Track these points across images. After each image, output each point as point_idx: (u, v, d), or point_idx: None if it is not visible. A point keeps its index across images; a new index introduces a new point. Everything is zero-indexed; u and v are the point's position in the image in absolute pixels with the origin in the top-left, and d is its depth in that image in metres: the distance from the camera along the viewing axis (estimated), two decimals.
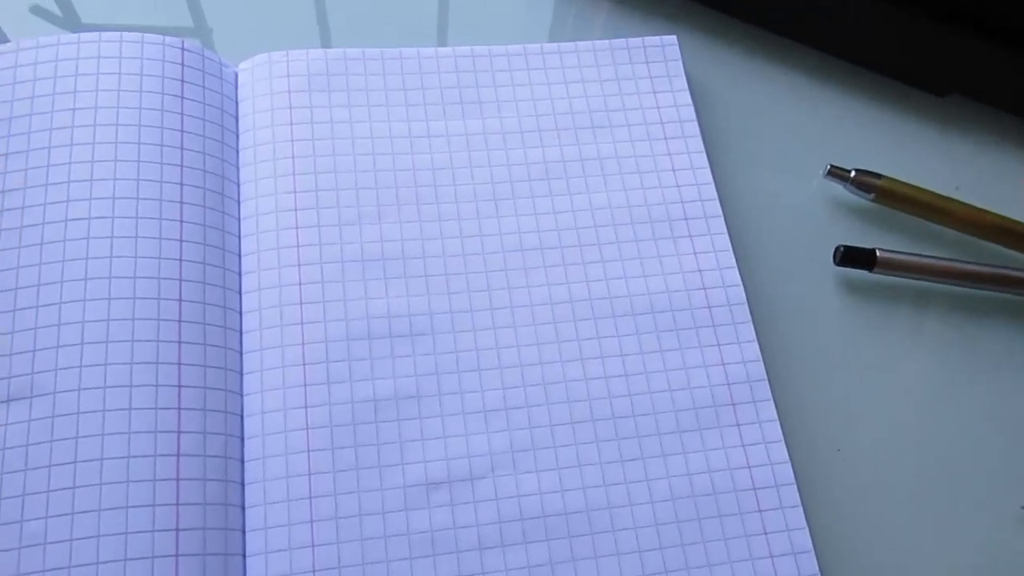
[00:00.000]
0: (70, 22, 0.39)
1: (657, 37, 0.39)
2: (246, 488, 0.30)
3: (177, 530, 0.28)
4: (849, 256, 0.36)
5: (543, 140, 0.37)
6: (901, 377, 0.35)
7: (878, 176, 0.37)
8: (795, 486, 0.32)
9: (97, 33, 0.35)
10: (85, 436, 0.29)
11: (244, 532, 0.29)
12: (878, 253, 0.36)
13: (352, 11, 0.41)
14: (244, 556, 0.29)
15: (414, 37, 0.40)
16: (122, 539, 0.28)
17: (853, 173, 0.37)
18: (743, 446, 0.32)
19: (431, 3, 0.41)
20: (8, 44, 0.35)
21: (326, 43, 0.40)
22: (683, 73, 0.39)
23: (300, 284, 0.33)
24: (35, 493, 0.28)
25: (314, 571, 0.29)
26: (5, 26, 0.38)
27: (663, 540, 0.30)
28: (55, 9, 0.39)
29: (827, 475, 0.33)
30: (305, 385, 0.31)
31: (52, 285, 0.31)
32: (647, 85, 0.38)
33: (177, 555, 0.28)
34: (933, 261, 0.36)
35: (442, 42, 0.40)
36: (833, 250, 0.36)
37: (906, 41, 0.40)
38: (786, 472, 0.32)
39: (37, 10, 0.39)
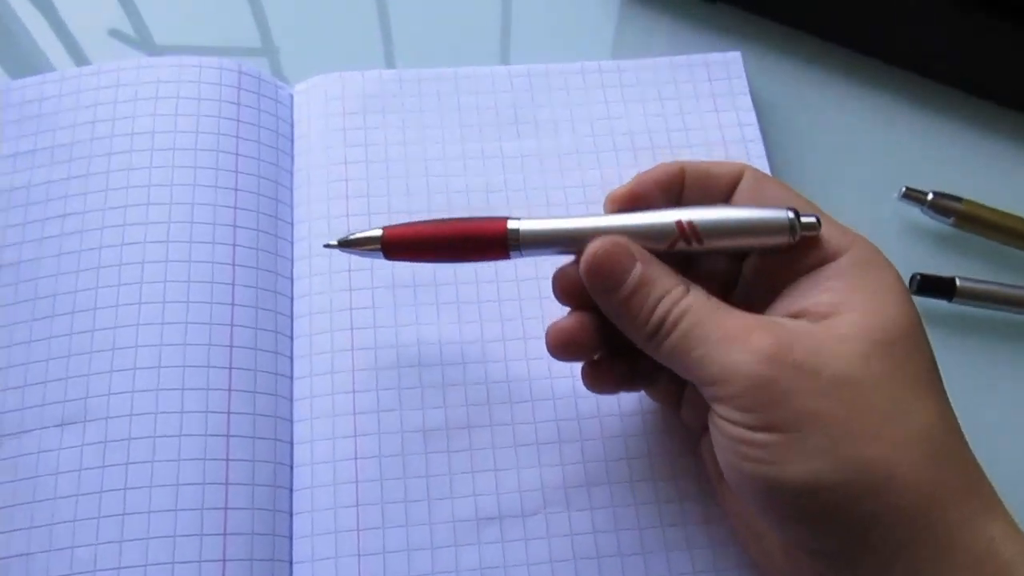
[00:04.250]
0: (145, 44, 0.39)
1: (720, 53, 0.38)
2: (294, 518, 0.30)
3: (224, 561, 0.28)
4: (927, 284, 0.34)
5: (601, 161, 0.36)
6: (981, 412, 0.33)
7: (958, 199, 0.35)
8: None
9: (156, 59, 0.35)
10: (135, 463, 0.29)
11: (291, 564, 0.29)
12: (958, 282, 0.33)
13: (417, 32, 0.40)
14: None
15: (477, 57, 0.39)
16: (169, 568, 0.27)
17: (931, 196, 0.35)
18: None
19: (493, 24, 0.41)
20: (71, 70, 0.35)
21: (390, 64, 0.39)
22: (747, 91, 0.37)
23: (351, 309, 0.32)
24: (86, 519, 0.28)
25: None
26: (86, 48, 0.39)
27: None
28: (130, 31, 0.39)
29: None
30: (355, 413, 0.31)
31: (107, 309, 0.31)
32: (709, 104, 0.37)
33: None
34: (1017, 291, 0.34)
35: (504, 62, 0.39)
36: (909, 278, 0.34)
37: (986, 54, 0.38)
38: None
39: (115, 33, 0.39)
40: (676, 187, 0.26)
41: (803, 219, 0.24)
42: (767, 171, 0.36)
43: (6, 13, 0.40)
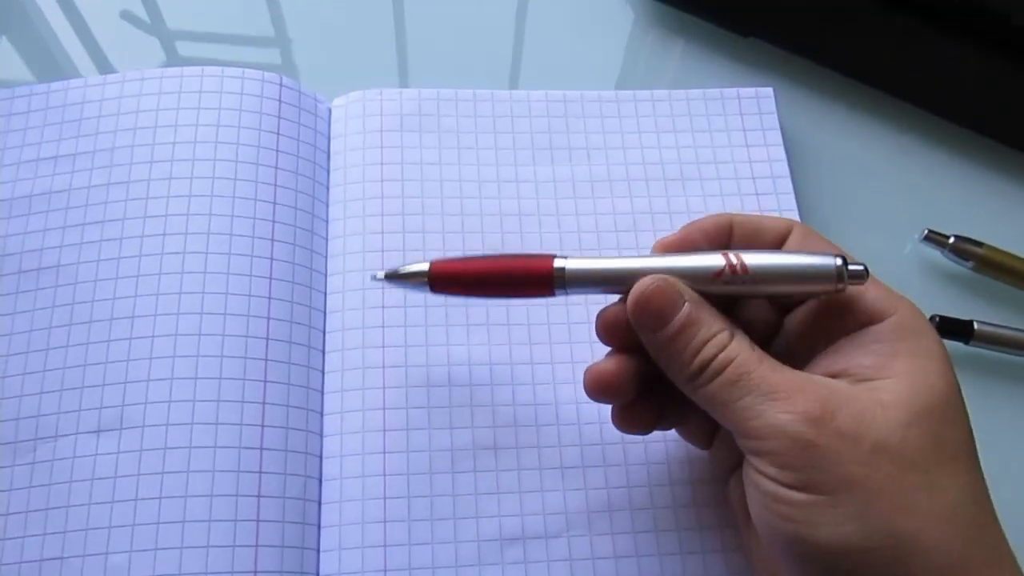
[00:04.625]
0: (157, 28, 0.40)
1: (752, 88, 0.39)
2: (322, 532, 0.30)
3: (255, 572, 0.28)
4: (945, 327, 0.34)
5: (632, 190, 0.36)
6: (995, 454, 0.33)
7: (978, 244, 0.36)
8: None
9: (200, 68, 0.35)
10: (171, 472, 0.29)
11: None
12: (976, 325, 0.34)
13: (430, 50, 0.41)
14: None
15: (488, 77, 0.40)
16: None
17: (952, 239, 0.36)
18: None
19: (505, 45, 0.41)
20: (114, 75, 0.36)
21: (404, 80, 0.40)
22: (778, 126, 0.38)
23: (384, 327, 0.33)
24: (121, 526, 0.28)
25: None
26: (96, 33, 0.40)
27: None
28: (143, 15, 0.40)
29: None
30: (384, 430, 0.31)
31: (145, 318, 0.31)
32: (740, 137, 0.38)
33: None
34: None
35: (514, 84, 0.40)
36: (927, 319, 0.35)
37: (1012, 101, 0.39)
38: None
39: (127, 15, 0.40)
40: (724, 238, 0.27)
41: (851, 267, 0.25)
42: (793, 206, 0.36)
43: None
